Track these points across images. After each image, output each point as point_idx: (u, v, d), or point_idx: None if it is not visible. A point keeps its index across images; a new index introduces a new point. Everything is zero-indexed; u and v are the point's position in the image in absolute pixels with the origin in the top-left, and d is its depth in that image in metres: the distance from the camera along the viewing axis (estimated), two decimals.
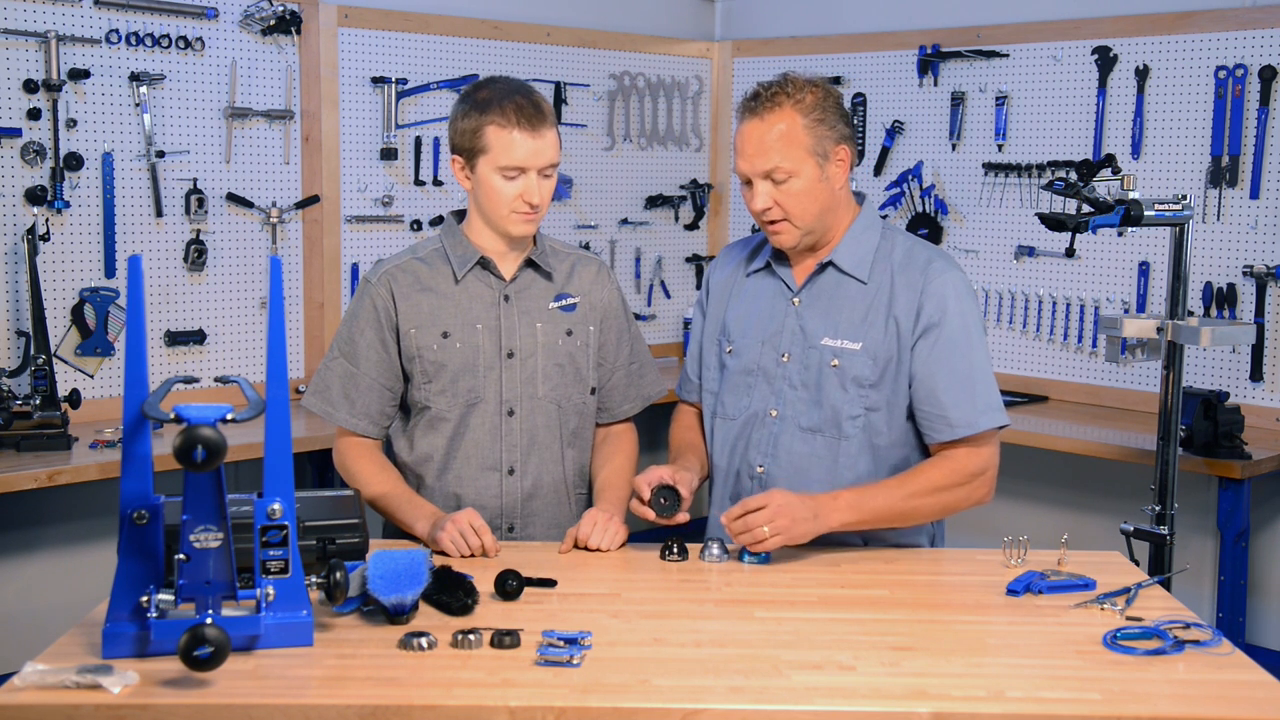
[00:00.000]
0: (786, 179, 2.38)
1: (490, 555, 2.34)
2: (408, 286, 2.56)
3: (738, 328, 2.57)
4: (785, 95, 2.39)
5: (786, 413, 2.49)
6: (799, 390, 2.48)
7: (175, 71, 3.96)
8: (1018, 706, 1.75)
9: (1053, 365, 4.48)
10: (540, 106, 2.49)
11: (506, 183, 2.47)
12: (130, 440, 1.83)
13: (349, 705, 1.72)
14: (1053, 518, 4.44)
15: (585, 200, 5.00)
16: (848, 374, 2.44)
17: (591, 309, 2.64)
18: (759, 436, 2.51)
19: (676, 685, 1.79)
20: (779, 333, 2.51)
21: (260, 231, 4.19)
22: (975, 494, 2.43)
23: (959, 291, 2.44)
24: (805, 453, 2.47)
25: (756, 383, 2.53)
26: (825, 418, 2.46)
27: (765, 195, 2.40)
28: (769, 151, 2.38)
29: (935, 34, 4.71)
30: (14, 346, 3.70)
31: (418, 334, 2.54)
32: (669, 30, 5.30)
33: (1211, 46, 4.06)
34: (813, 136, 2.39)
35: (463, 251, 2.57)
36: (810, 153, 2.39)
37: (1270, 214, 3.97)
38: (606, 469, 2.65)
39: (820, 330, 2.48)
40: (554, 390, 2.59)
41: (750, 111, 2.42)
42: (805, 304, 2.51)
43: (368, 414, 2.57)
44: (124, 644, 1.85)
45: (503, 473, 2.57)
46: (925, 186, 4.73)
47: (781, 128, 2.38)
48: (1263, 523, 4.03)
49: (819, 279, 2.50)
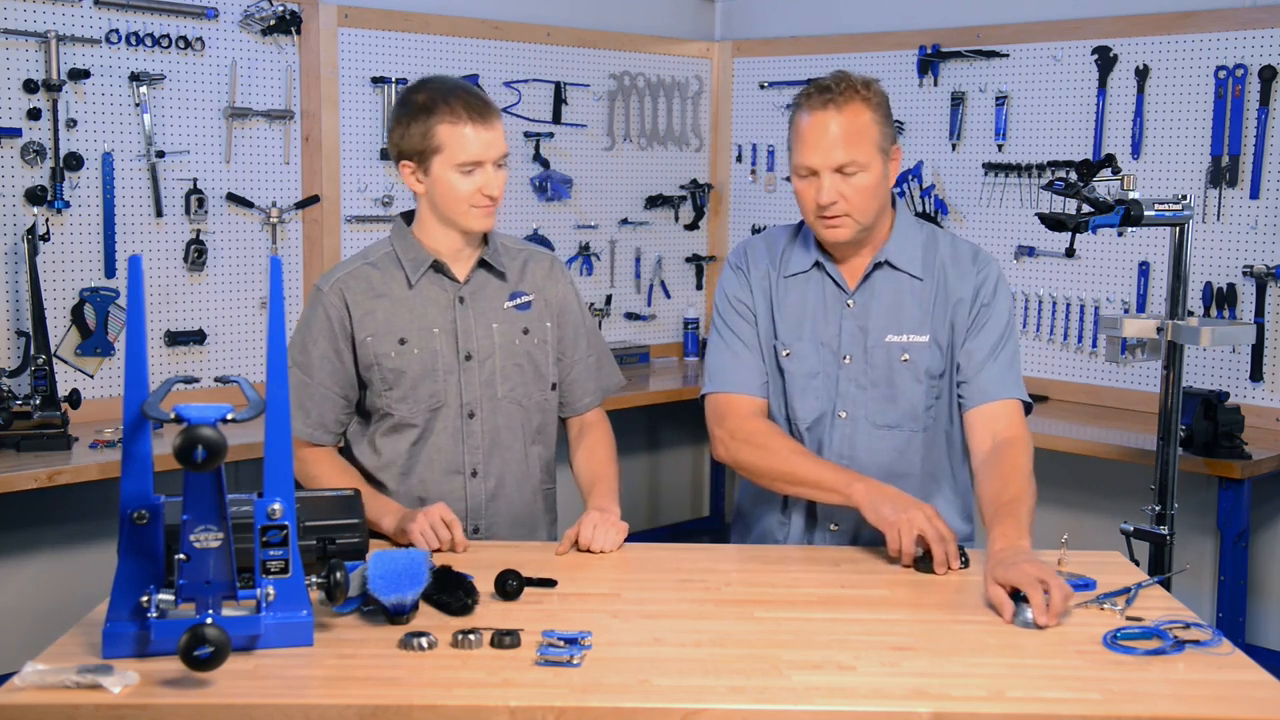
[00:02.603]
0: (856, 173, 2.39)
1: (458, 551, 2.35)
2: (361, 294, 2.54)
3: (790, 331, 2.56)
4: (855, 90, 2.41)
5: (856, 413, 2.52)
6: (868, 390, 2.51)
7: (175, 71, 3.96)
8: (1018, 706, 1.75)
9: (1053, 365, 4.48)
10: (485, 99, 2.51)
11: (464, 178, 2.47)
12: (130, 440, 1.83)
13: (349, 705, 1.72)
14: (1053, 518, 4.42)
15: (585, 200, 5.00)
16: (919, 367, 2.49)
17: (547, 305, 2.65)
18: (831, 438, 2.54)
19: (676, 685, 1.79)
20: (836, 335, 2.53)
21: (260, 231, 4.19)
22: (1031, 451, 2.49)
23: (1004, 280, 2.55)
24: (886, 449, 2.51)
25: (820, 385, 2.54)
26: (903, 413, 2.51)
27: (832, 188, 2.39)
28: (843, 144, 2.38)
29: (935, 34, 4.71)
30: (14, 346, 3.70)
31: (374, 341, 2.54)
32: (669, 30, 5.30)
33: (1211, 46, 4.06)
34: (880, 132, 2.42)
35: (415, 255, 2.55)
36: (879, 149, 2.41)
37: (1270, 214, 3.97)
38: (591, 462, 2.65)
39: (882, 328, 2.50)
40: (513, 390, 2.59)
41: (825, 103, 2.40)
42: (860, 304, 2.52)
43: (322, 423, 2.57)
44: (124, 644, 1.85)
45: (466, 475, 2.57)
46: (925, 186, 4.73)
47: (860, 121, 2.39)
48: (1263, 523, 4.03)
49: (873, 278, 2.52)
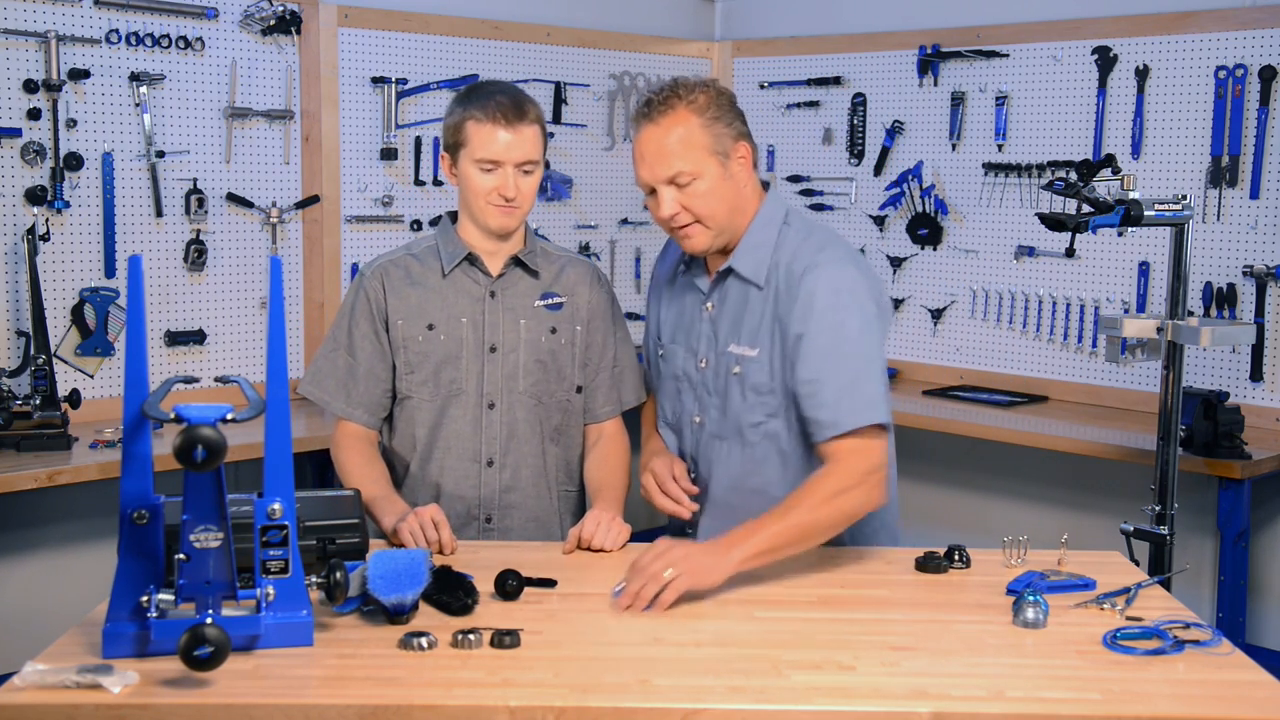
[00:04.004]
0: (690, 182, 2.36)
1: (447, 551, 2.36)
2: (399, 280, 2.63)
3: (667, 332, 2.60)
4: (677, 98, 2.37)
5: (705, 419, 2.51)
6: (712, 397, 2.49)
7: (175, 71, 3.96)
8: (1018, 706, 1.75)
9: (1053, 365, 4.48)
10: (521, 104, 2.54)
11: (483, 175, 2.53)
12: (130, 440, 1.83)
13: (349, 705, 1.72)
14: (1053, 518, 4.44)
15: (585, 200, 5.00)
16: (747, 381, 2.43)
17: (578, 309, 2.67)
18: (689, 443, 2.55)
19: (676, 685, 1.79)
20: (698, 338, 2.52)
21: (260, 231, 4.19)
22: (871, 495, 2.28)
23: (831, 288, 2.35)
24: (725, 459, 2.48)
25: (684, 388, 2.55)
26: (730, 425, 2.46)
27: (671, 201, 2.37)
28: (669, 156, 2.35)
29: (935, 34, 4.71)
30: (14, 346, 3.70)
31: (405, 325, 2.61)
32: (669, 30, 5.30)
33: (1211, 46, 4.06)
34: (711, 135, 2.36)
35: (452, 248, 2.63)
36: (711, 152, 2.36)
37: (1270, 214, 3.97)
38: (601, 469, 2.67)
39: (727, 336, 2.47)
40: (534, 385, 2.63)
41: (645, 118, 2.39)
42: (716, 309, 2.51)
43: (364, 404, 2.63)
44: (124, 644, 1.85)
45: (482, 464, 2.61)
46: (925, 186, 4.73)
47: (679, 130, 2.35)
48: (1263, 523, 4.03)
49: (724, 284, 2.49)
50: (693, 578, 2.10)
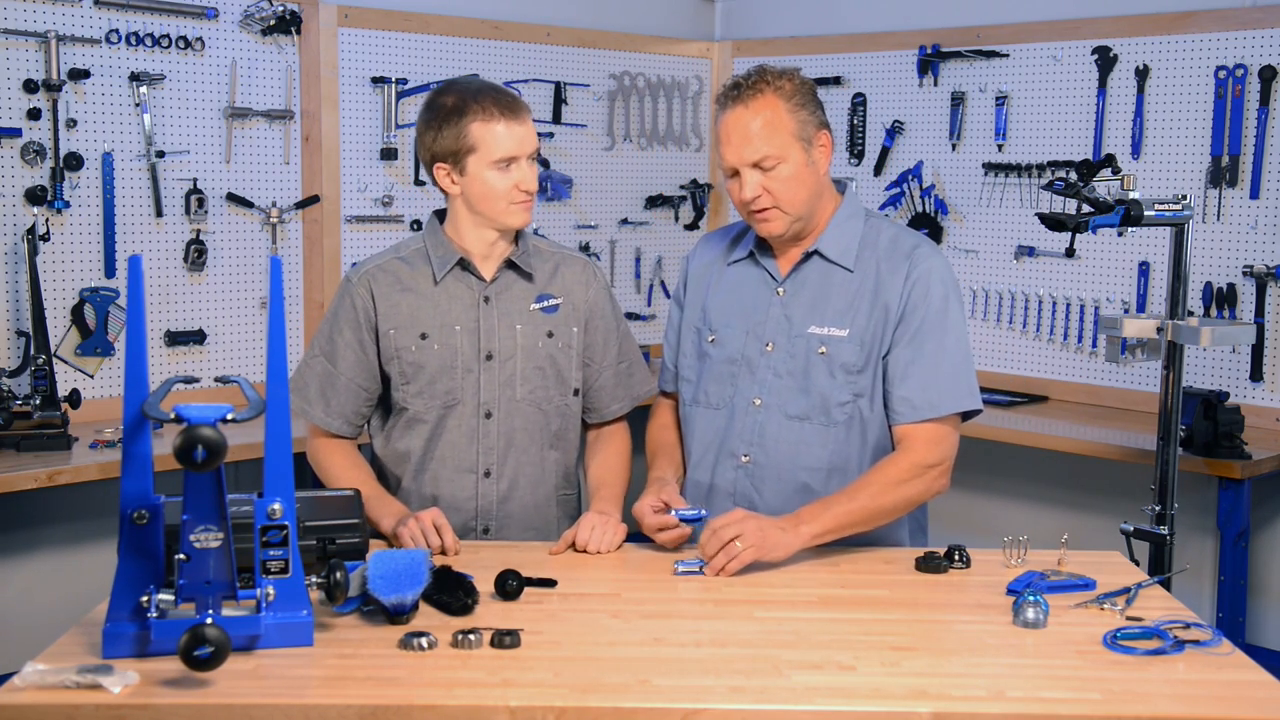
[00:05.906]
0: (774, 166, 2.39)
1: (450, 554, 2.35)
2: (388, 287, 2.57)
3: (720, 317, 2.58)
4: (765, 83, 2.41)
5: (771, 401, 2.50)
6: (784, 379, 2.49)
7: (175, 71, 3.96)
8: (1018, 706, 1.75)
9: (1053, 365, 4.48)
10: (513, 95, 2.53)
11: (501, 175, 2.48)
12: (130, 440, 1.83)
13: (349, 705, 1.72)
14: (1053, 518, 4.44)
15: (585, 200, 5.00)
16: (835, 360, 2.46)
17: (575, 310, 2.63)
18: (743, 425, 2.52)
19: (676, 685, 1.79)
20: (763, 322, 2.52)
21: (260, 231, 4.19)
22: (934, 485, 2.43)
23: (942, 277, 2.47)
24: (793, 440, 2.48)
25: (740, 372, 2.53)
26: (813, 405, 2.47)
27: (754, 184, 2.41)
28: (755, 139, 2.39)
29: (935, 34, 4.71)
30: (14, 346, 3.70)
31: (397, 335, 2.55)
32: (669, 30, 5.30)
33: (1211, 46, 4.06)
34: (797, 121, 2.40)
35: (443, 252, 2.57)
36: (796, 138, 2.40)
37: (1270, 214, 3.97)
38: (600, 466, 2.66)
39: (806, 318, 2.49)
40: (533, 393, 2.59)
41: (733, 101, 2.42)
42: (790, 293, 2.52)
43: (342, 413, 2.59)
44: (124, 644, 1.85)
45: (479, 475, 2.57)
46: (925, 186, 4.73)
47: (767, 114, 2.39)
48: (1263, 523, 4.03)
49: (804, 268, 2.52)
50: (760, 551, 2.25)
